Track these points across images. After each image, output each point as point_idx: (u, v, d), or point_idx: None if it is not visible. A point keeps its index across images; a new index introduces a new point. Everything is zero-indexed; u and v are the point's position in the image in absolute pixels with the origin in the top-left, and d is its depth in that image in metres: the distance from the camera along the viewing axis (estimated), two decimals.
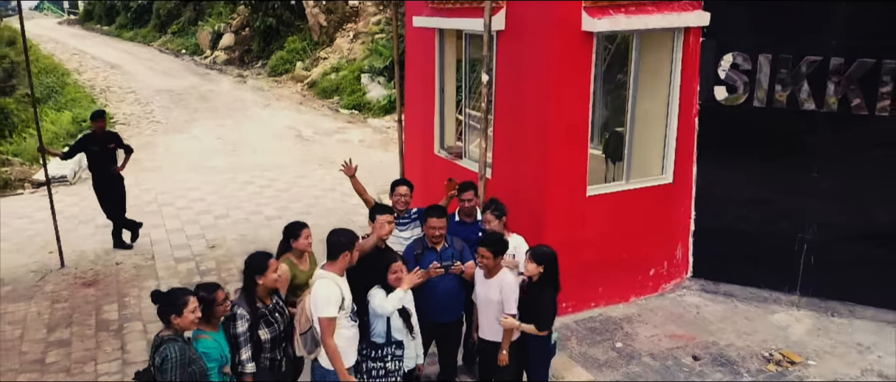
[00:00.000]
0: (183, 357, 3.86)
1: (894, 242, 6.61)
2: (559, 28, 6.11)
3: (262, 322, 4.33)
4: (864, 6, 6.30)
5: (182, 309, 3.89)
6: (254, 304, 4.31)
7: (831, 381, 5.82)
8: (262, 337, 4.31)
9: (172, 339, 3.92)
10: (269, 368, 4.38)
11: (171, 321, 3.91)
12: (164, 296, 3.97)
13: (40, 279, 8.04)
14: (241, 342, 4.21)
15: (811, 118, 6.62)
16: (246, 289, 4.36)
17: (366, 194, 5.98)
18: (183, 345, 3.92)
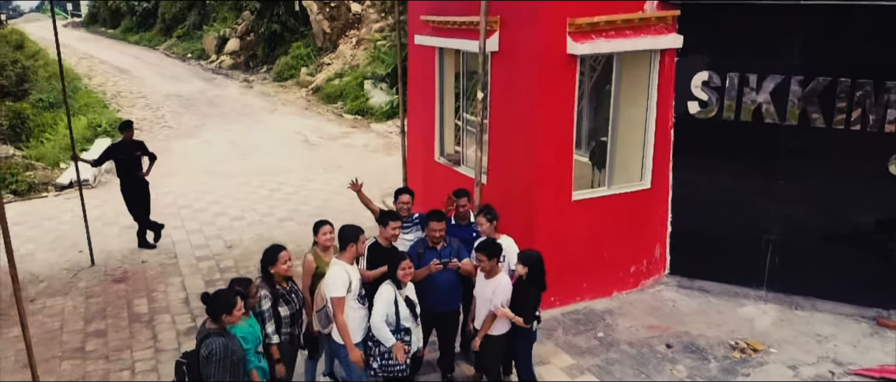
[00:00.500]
0: (226, 351, 4.54)
1: (851, 242, 7.32)
2: (546, 51, 6.83)
3: (281, 301, 5.12)
4: (821, 31, 7.01)
5: (232, 309, 4.58)
6: (273, 287, 5.11)
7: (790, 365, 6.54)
8: (282, 314, 5.11)
9: (217, 334, 4.60)
10: (288, 342, 5.15)
11: (222, 319, 4.59)
12: (215, 298, 4.64)
13: (73, 276, 8.76)
14: (266, 317, 4.98)
15: (775, 130, 7.34)
16: (265, 276, 5.14)
17: (372, 205, 6.67)
18: (226, 341, 4.59)
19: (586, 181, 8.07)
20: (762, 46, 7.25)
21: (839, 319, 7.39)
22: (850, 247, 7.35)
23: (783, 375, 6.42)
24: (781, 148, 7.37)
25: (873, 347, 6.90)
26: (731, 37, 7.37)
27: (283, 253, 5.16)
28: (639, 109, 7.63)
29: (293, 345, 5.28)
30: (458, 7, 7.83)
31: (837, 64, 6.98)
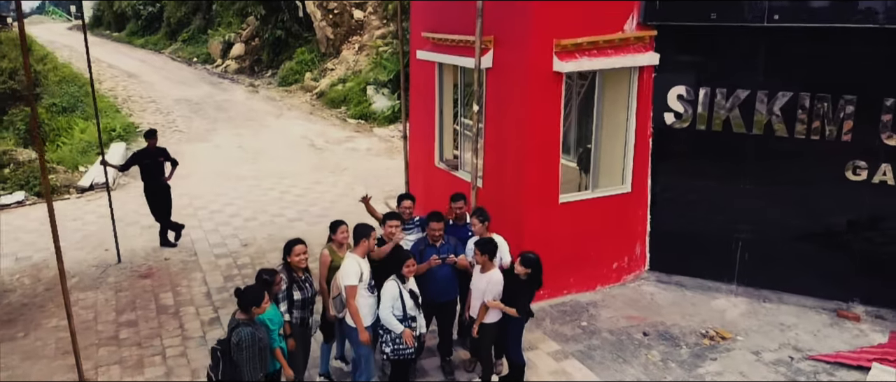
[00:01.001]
0: (253, 339, 5.27)
1: (814, 241, 8.08)
2: (535, 68, 7.59)
3: (295, 286, 5.89)
4: (782, 51, 7.77)
5: (261, 302, 5.33)
6: (291, 273, 5.91)
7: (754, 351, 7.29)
8: (295, 297, 5.90)
9: (246, 324, 5.33)
10: (299, 324, 5.93)
11: (252, 311, 5.33)
12: (246, 293, 5.36)
13: (102, 272, 9.52)
14: (280, 298, 5.76)
15: (743, 139, 8.09)
16: (285, 263, 5.94)
17: (376, 213, 7.40)
18: (253, 330, 5.31)
19: (574, 184, 8.83)
20: (731, 64, 8.02)
21: (802, 311, 8.14)
22: (813, 245, 8.11)
23: (747, 360, 7.17)
24: (749, 155, 8.13)
25: (831, 336, 7.65)
26: (703, 55, 8.13)
27: (299, 246, 5.94)
28: (620, 120, 8.39)
29: (304, 327, 6.05)
30: (456, 26, 8.58)
31: (798, 80, 7.74)
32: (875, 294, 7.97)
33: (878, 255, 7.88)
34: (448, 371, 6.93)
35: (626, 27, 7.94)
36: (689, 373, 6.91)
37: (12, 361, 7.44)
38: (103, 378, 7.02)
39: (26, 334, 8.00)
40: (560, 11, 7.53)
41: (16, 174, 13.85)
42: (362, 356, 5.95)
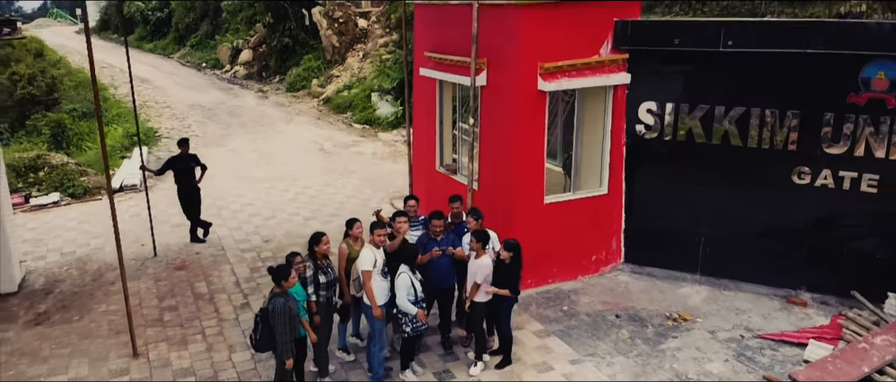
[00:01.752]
0: (284, 307, 6.50)
1: (766, 236, 9.27)
2: (523, 87, 8.79)
3: (320, 271, 7.09)
4: (737, 72, 8.97)
5: (288, 277, 6.55)
6: (316, 261, 7.11)
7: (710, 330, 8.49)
8: (321, 280, 7.09)
9: (278, 296, 6.57)
10: (325, 302, 7.14)
11: (282, 284, 6.55)
12: (277, 270, 6.60)
13: (141, 265, 10.72)
14: (307, 281, 6.97)
15: (703, 148, 9.30)
16: (310, 252, 7.14)
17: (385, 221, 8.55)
18: (285, 300, 6.55)
19: (560, 186, 10.03)
20: (693, 82, 9.23)
21: (756, 297, 9.34)
22: (767, 240, 9.31)
23: (703, 338, 8.38)
24: (709, 161, 9.33)
25: (780, 319, 8.85)
26: (669, 75, 9.34)
27: (324, 237, 7.17)
28: (598, 130, 9.59)
29: (328, 305, 7.27)
30: (455, 48, 9.77)
31: (750, 97, 8.95)
32: (820, 283, 9.18)
33: (823, 249, 9.08)
34: (447, 346, 8.14)
35: (601, 51, 9.15)
36: (653, 349, 8.12)
37: (72, 340, 8.64)
38: (153, 354, 8.22)
39: (81, 317, 9.21)
40: (544, 38, 8.74)
41: (50, 176, 15.02)
42: (376, 329, 7.16)
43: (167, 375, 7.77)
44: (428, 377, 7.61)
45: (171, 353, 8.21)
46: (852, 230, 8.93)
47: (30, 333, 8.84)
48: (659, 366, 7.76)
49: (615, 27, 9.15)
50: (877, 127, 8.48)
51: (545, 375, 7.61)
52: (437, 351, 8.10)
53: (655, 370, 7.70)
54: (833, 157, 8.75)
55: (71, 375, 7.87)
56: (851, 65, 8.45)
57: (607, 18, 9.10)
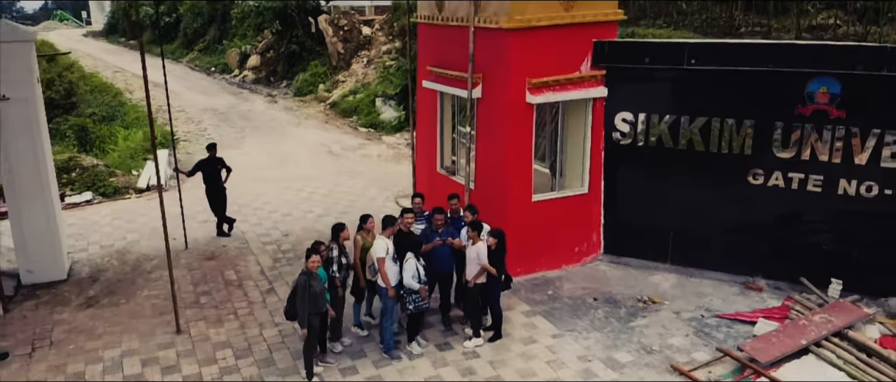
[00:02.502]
0: (306, 285, 7.82)
1: (727, 230, 10.56)
2: (513, 100, 10.10)
3: (342, 254, 8.42)
4: (699, 85, 10.28)
5: (308, 261, 7.87)
6: (339, 244, 8.44)
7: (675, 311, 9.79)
8: (342, 262, 8.46)
9: (303, 274, 7.89)
10: (344, 278, 8.52)
11: (307, 265, 7.87)
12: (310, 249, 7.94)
13: (175, 256, 11.93)
14: (333, 260, 8.28)
15: (671, 152, 10.60)
16: (334, 238, 8.49)
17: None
18: (306, 279, 7.86)
19: (547, 186, 11.32)
20: (662, 94, 10.54)
21: (718, 284, 10.63)
22: (727, 234, 10.61)
23: (669, 317, 9.68)
24: (677, 164, 10.64)
25: (738, 302, 10.13)
26: (641, 88, 10.65)
27: (345, 230, 8.52)
28: (579, 137, 10.90)
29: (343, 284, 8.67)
30: (454, 64, 11.07)
31: (711, 108, 10.25)
32: (775, 270, 10.48)
33: (777, 241, 10.38)
34: (447, 323, 9.45)
35: (582, 68, 10.46)
36: (624, 326, 9.43)
37: (121, 319, 9.94)
38: (194, 331, 9.52)
39: (127, 301, 10.51)
40: (532, 57, 10.04)
41: (82, 177, 16.32)
42: (388, 306, 8.48)
43: (207, 348, 9.08)
44: (431, 348, 8.92)
45: (209, 330, 9.52)
46: (801, 224, 10.24)
47: (83, 314, 10.14)
48: (628, 340, 9.07)
49: (594, 47, 10.46)
50: (820, 134, 9.78)
51: (530, 347, 8.92)
52: (439, 328, 9.40)
53: (625, 343, 9.01)
54: (783, 161, 10.06)
55: (124, 348, 9.17)
56: (798, 81, 9.75)
57: (587, 39, 10.41)
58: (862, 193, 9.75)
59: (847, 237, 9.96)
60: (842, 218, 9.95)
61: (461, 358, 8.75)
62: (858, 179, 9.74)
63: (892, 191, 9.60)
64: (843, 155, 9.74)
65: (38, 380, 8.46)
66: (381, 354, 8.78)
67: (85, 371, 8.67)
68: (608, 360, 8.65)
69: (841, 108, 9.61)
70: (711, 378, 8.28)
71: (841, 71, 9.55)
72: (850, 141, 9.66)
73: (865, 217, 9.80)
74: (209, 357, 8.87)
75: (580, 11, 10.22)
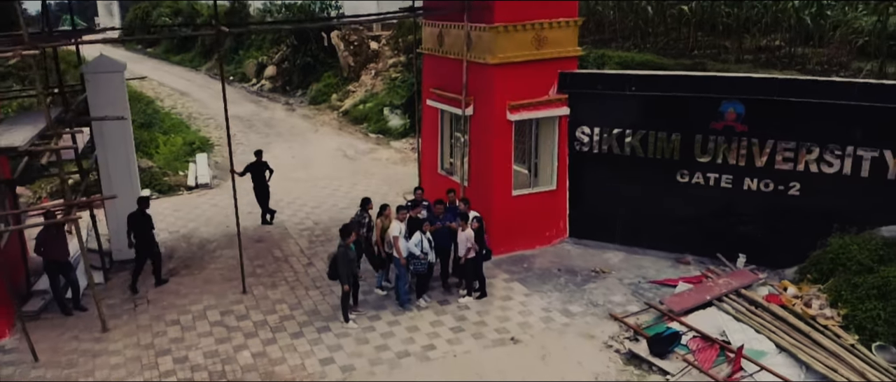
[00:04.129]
0: (345, 255, 10.96)
1: (663, 217, 13.66)
2: (497, 118, 13.21)
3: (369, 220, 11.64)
4: (639, 106, 13.40)
5: (348, 238, 11.00)
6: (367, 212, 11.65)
7: (616, 278, 12.91)
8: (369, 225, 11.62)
9: (341, 246, 11.02)
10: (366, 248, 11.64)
11: (346, 239, 11.00)
12: (344, 229, 11.06)
13: (230, 240, 15.12)
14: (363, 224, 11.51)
15: (619, 158, 13.72)
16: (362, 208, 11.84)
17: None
18: (345, 250, 11.00)
19: (527, 183, 14.40)
20: (611, 113, 13.66)
21: (656, 259, 13.73)
22: (663, 220, 13.71)
23: (614, 283, 12.78)
24: (623, 167, 13.75)
25: (669, 272, 13.20)
26: (595, 108, 13.75)
27: (370, 203, 11.69)
28: (549, 146, 14.01)
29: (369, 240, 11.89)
30: (451, 88, 14.16)
31: (648, 123, 13.37)
32: (699, 248, 13.58)
33: (699, 225, 13.48)
34: (446, 287, 12.57)
35: (550, 92, 13.58)
36: (578, 288, 12.55)
37: (198, 284, 13.06)
38: (255, 292, 12.64)
39: (199, 272, 13.64)
40: (511, 85, 13.15)
41: (141, 177, 19.39)
42: (402, 272, 11.62)
43: (267, 303, 12.21)
44: (433, 303, 12.05)
45: (266, 291, 12.65)
46: (717, 212, 13.34)
47: (168, 281, 13.26)
48: (580, 298, 12.20)
49: (559, 77, 13.58)
50: (729, 144, 12.90)
51: (507, 302, 12.05)
52: (439, 290, 12.52)
53: (577, 300, 12.14)
54: (702, 164, 13.18)
55: (205, 304, 12.30)
56: (713, 103, 12.87)
57: (554, 71, 13.53)
58: (761, 189, 12.88)
59: (750, 222, 13.07)
60: (747, 207, 13.06)
61: (456, 310, 11.90)
62: (758, 178, 12.87)
63: (784, 187, 12.73)
64: (746, 160, 12.86)
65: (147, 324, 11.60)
66: (398, 307, 11.91)
67: (179, 319, 11.80)
68: (564, 311, 11.79)
69: (744, 124, 12.74)
70: (638, 322, 11.40)
71: (744, 96, 12.69)
72: (751, 149, 12.79)
73: (764, 207, 12.92)
74: (270, 309, 12.01)
75: (548, 50, 13.34)
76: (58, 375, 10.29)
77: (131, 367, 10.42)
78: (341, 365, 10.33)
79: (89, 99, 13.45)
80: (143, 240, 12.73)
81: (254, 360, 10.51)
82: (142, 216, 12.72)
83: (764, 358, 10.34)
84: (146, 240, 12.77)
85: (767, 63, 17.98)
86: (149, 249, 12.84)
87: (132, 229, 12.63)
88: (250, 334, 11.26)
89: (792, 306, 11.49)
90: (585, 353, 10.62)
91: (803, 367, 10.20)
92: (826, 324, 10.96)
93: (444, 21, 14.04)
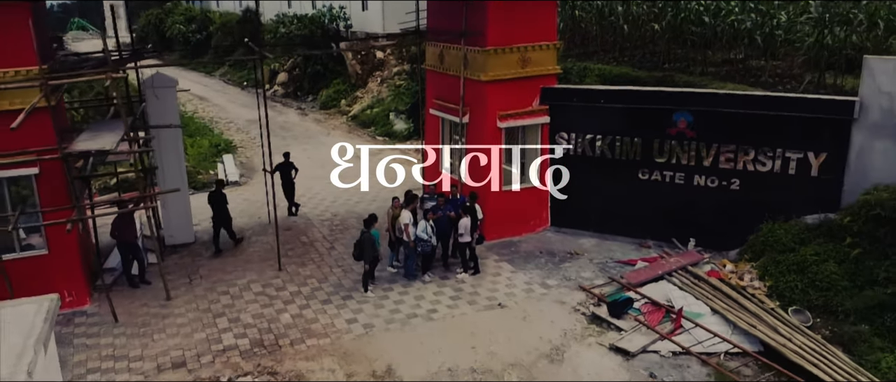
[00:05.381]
0: (369, 238, 13.61)
1: (628, 208, 16.30)
2: (488, 125, 15.86)
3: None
4: (607, 115, 16.05)
5: (373, 226, 13.65)
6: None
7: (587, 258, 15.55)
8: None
9: (364, 233, 13.67)
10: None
11: (369, 226, 13.64)
12: (367, 220, 13.71)
13: (263, 228, 17.75)
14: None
15: (591, 159, 16.37)
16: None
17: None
18: (368, 235, 13.64)
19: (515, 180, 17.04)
20: (584, 122, 16.31)
21: (622, 244, 16.37)
22: (629, 211, 16.35)
23: (586, 262, 15.42)
24: (595, 166, 16.40)
25: (632, 254, 15.84)
26: (571, 118, 16.40)
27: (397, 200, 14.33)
28: (534, 149, 16.65)
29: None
30: (451, 99, 16.80)
31: (614, 130, 16.03)
32: (658, 234, 16.23)
33: (658, 215, 16.13)
34: (446, 266, 15.22)
35: (533, 104, 16.22)
36: (556, 266, 15.20)
37: (240, 264, 15.70)
38: (289, 269, 15.28)
39: (241, 254, 16.28)
40: (501, 98, 15.79)
41: None
42: (410, 255, 14.28)
43: (299, 278, 14.85)
44: (436, 278, 14.70)
45: (298, 269, 15.30)
46: (672, 204, 15.98)
47: (214, 261, 15.91)
48: (557, 274, 14.85)
49: (541, 91, 16.23)
50: (682, 147, 15.54)
51: (496, 277, 14.71)
52: (441, 268, 15.16)
53: (554, 275, 14.79)
54: (660, 164, 15.83)
55: (248, 279, 14.94)
56: (667, 114, 15.52)
57: (536, 86, 16.17)
58: (708, 184, 15.53)
59: (699, 212, 15.71)
60: (696, 200, 15.70)
61: (455, 283, 14.55)
62: (705, 175, 15.52)
63: (726, 183, 15.37)
64: (695, 160, 15.51)
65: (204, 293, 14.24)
66: (407, 281, 14.55)
67: (228, 290, 14.44)
68: (542, 284, 14.44)
69: (693, 131, 15.39)
70: (602, 292, 14.03)
71: (693, 107, 15.34)
72: (699, 151, 15.44)
73: (710, 199, 15.56)
74: (302, 282, 14.67)
75: (532, 69, 15.99)
76: (136, 333, 12.92)
77: (195, 325, 13.06)
78: (363, 323, 12.98)
79: (148, 109, 16.08)
80: (220, 212, 16.36)
81: (293, 320, 13.15)
82: (219, 194, 16.49)
83: (700, 319, 12.98)
84: (222, 212, 16.37)
85: (726, 76, 20.52)
86: (224, 219, 16.47)
87: (211, 204, 16.41)
88: (288, 301, 13.90)
89: (728, 279, 14.14)
90: (557, 315, 13.26)
91: (731, 325, 12.83)
92: (754, 293, 13.61)
93: (444, 43, 16.71)
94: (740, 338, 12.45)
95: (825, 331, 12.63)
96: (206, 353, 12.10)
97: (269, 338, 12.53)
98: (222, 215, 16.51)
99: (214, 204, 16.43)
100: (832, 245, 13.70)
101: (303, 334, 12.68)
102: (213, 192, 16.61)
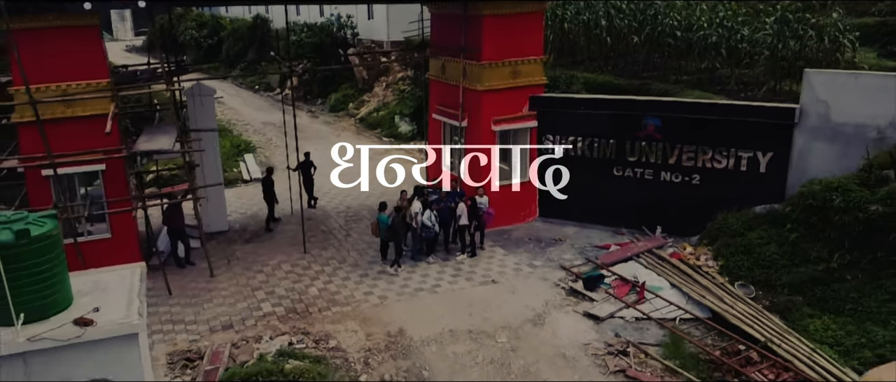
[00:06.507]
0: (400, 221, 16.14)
1: (605, 201, 18.81)
2: (484, 128, 18.38)
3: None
4: (587, 121, 18.57)
5: (385, 212, 16.18)
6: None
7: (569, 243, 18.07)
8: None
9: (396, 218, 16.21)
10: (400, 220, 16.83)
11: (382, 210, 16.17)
12: (381, 207, 16.24)
13: (286, 218, 20.26)
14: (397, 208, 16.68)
15: (575, 159, 18.89)
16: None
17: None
18: (396, 216, 16.17)
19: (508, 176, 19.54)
20: (568, 126, 18.83)
21: (600, 231, 18.89)
22: (606, 203, 18.87)
23: (567, 247, 17.94)
24: (577, 164, 18.92)
25: (608, 240, 18.36)
26: (556, 122, 18.93)
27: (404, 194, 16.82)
28: (525, 149, 19.16)
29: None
30: (452, 104, 19.30)
31: (592, 133, 18.55)
32: (630, 223, 18.74)
33: (631, 206, 18.64)
34: (448, 250, 17.75)
35: (523, 110, 18.75)
36: (542, 251, 17.73)
37: (269, 247, 18.22)
38: (313, 251, 17.80)
39: (270, 240, 18.80)
40: (495, 105, 18.30)
41: None
42: (416, 239, 16.80)
43: (322, 259, 17.38)
44: (438, 260, 17.22)
45: (321, 252, 17.83)
46: (642, 197, 18.50)
47: (247, 246, 18.43)
48: (542, 256, 17.38)
49: (530, 99, 18.75)
50: (650, 147, 18.07)
51: (491, 259, 17.25)
52: (443, 252, 17.69)
53: (540, 257, 17.32)
54: (632, 162, 18.35)
55: (278, 260, 17.45)
56: (638, 119, 18.04)
57: (526, 95, 18.70)
58: (673, 180, 18.07)
59: (665, 203, 18.23)
60: (663, 193, 18.22)
61: (455, 264, 17.08)
62: (671, 172, 18.05)
63: (688, 178, 17.90)
64: (662, 159, 18.04)
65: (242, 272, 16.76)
66: (414, 262, 17.08)
67: (263, 269, 16.97)
68: (529, 264, 16.97)
69: (660, 133, 17.92)
70: (579, 271, 16.55)
71: (660, 113, 17.87)
72: (665, 151, 17.97)
73: (675, 193, 18.08)
74: (325, 262, 17.20)
75: (522, 80, 18.52)
76: (188, 302, 15.43)
77: (237, 297, 15.58)
78: (378, 295, 15.52)
79: (189, 114, 18.59)
80: (270, 195, 19.64)
81: (319, 292, 15.68)
82: (269, 180, 19.70)
83: (661, 291, 15.51)
84: (271, 195, 19.66)
85: (697, 83, 23.08)
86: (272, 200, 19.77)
87: (264, 188, 19.69)
88: (314, 277, 16.43)
89: (687, 260, 16.67)
90: (541, 289, 15.79)
91: (686, 297, 15.36)
92: (707, 271, 16.15)
93: (446, 57, 19.23)
94: (693, 307, 14.96)
95: (766, 302, 15.12)
96: (249, 318, 14.62)
97: (301, 306, 15.06)
98: (271, 196, 19.76)
99: (265, 188, 19.77)
100: (775, 230, 16.20)
101: (328, 303, 15.19)
102: (266, 179, 19.95)
